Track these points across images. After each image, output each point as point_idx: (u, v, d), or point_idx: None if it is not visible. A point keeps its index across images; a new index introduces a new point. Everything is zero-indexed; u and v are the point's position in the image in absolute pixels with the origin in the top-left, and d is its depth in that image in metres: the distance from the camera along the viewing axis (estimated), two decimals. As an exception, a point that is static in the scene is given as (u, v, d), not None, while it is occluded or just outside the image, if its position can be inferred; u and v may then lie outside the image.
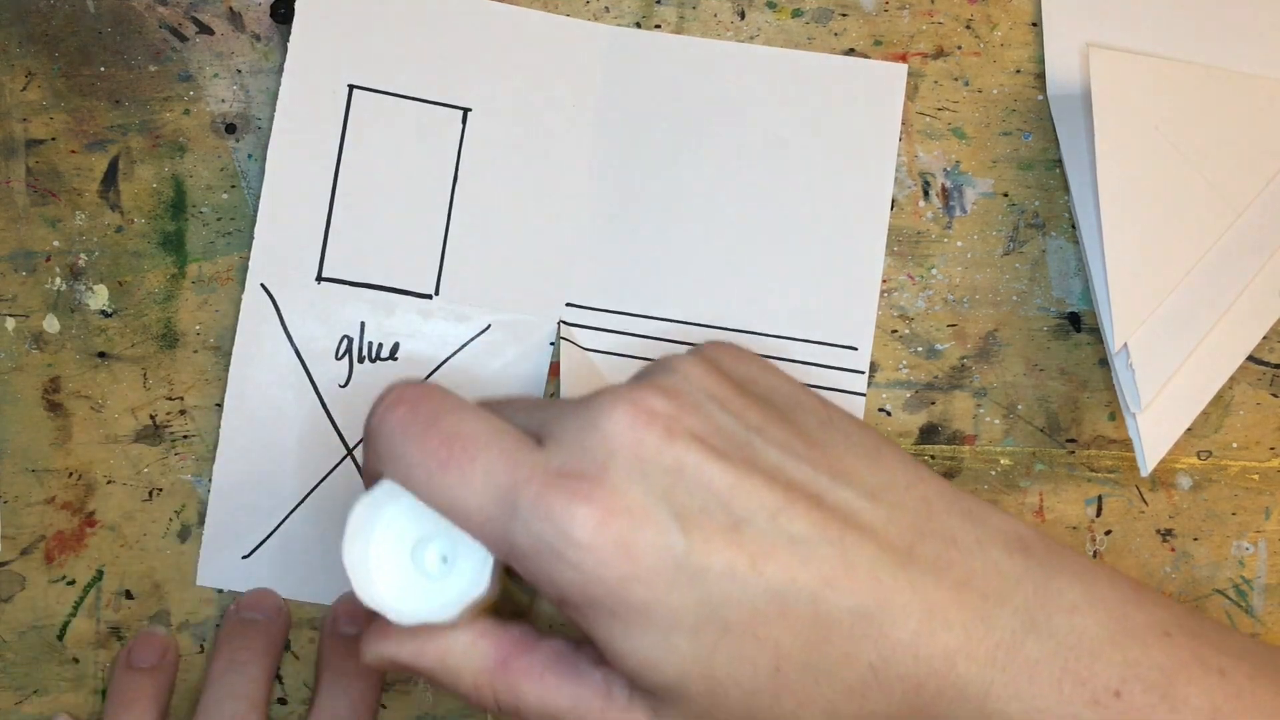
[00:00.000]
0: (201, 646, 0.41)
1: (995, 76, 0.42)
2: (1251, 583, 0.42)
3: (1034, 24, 0.42)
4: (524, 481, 0.27)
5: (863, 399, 0.41)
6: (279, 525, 0.41)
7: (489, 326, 0.41)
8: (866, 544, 0.27)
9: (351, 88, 0.41)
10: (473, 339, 0.41)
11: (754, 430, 0.28)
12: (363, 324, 0.41)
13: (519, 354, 0.41)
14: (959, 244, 0.42)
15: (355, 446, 0.41)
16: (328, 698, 0.39)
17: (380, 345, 0.41)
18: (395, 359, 0.41)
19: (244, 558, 0.41)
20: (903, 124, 0.42)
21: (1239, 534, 0.42)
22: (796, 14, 0.42)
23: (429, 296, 0.41)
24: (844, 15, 0.42)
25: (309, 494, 0.41)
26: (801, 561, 0.27)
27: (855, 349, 0.41)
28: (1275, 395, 0.42)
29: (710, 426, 0.28)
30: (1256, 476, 0.42)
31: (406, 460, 0.28)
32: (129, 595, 0.41)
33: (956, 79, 0.42)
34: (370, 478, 0.30)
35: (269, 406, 0.41)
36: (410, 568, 0.29)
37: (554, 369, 0.41)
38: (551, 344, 0.41)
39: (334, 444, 0.41)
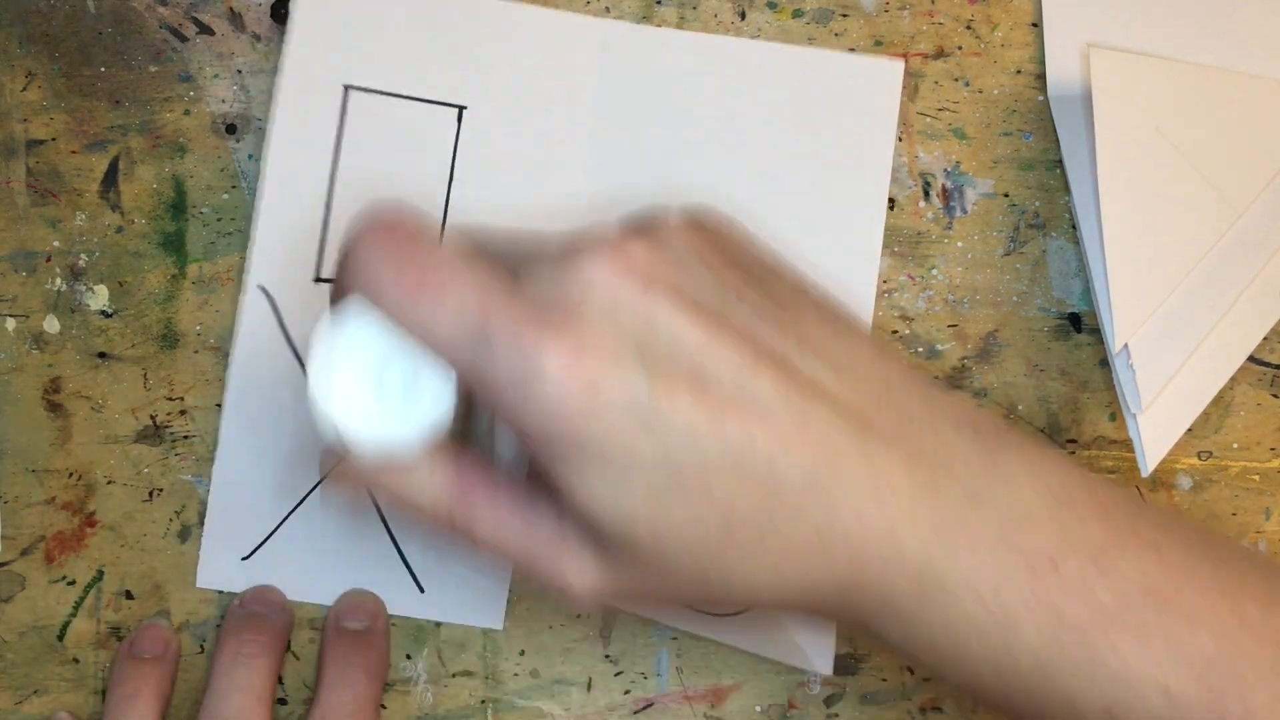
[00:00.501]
0: (202, 647, 0.41)
1: (995, 77, 0.42)
2: (1252, 583, 0.42)
3: (1034, 24, 0.42)
4: (497, 311, 0.27)
5: None
6: (279, 526, 0.41)
7: None
8: (824, 410, 0.28)
9: (347, 88, 0.41)
10: None
11: (730, 290, 0.29)
12: None
13: None
14: (959, 244, 0.42)
15: None
16: (330, 694, 0.39)
17: None
18: None
19: (244, 559, 0.41)
20: (903, 124, 0.42)
21: (1239, 534, 0.42)
22: (797, 14, 0.42)
23: None
24: (844, 15, 0.42)
25: (308, 494, 0.41)
26: (760, 422, 0.27)
27: None
28: (1275, 395, 0.42)
29: (687, 282, 0.28)
30: (1257, 477, 0.42)
31: (379, 281, 0.28)
32: (129, 595, 0.41)
33: (957, 79, 0.42)
34: (338, 295, 0.30)
35: (269, 407, 0.41)
36: (372, 393, 0.29)
37: None
38: None
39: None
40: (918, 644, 0.29)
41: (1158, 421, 0.40)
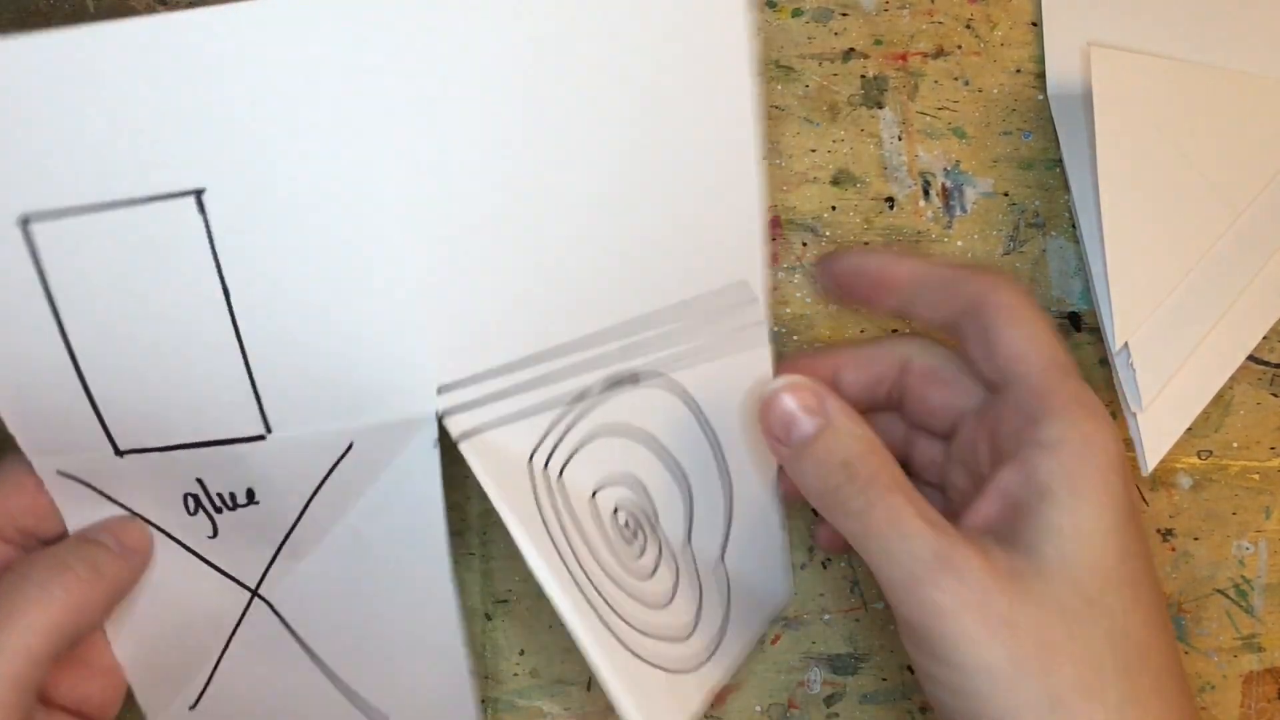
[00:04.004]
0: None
1: (995, 76, 0.42)
2: (1252, 582, 0.42)
3: (1034, 23, 0.42)
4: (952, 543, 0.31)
5: (763, 328, 0.36)
6: (212, 676, 0.36)
7: (350, 446, 0.32)
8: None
9: (25, 221, 0.28)
10: (335, 467, 0.33)
11: None
12: (200, 480, 0.33)
13: (401, 464, 0.33)
14: (959, 244, 0.42)
15: (259, 586, 0.35)
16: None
17: (232, 494, 0.33)
18: (256, 502, 0.33)
19: (191, 708, 0.36)
20: (903, 123, 0.42)
21: (1239, 534, 0.42)
22: (796, 14, 0.42)
23: (262, 437, 0.32)
24: (844, 15, 0.42)
25: (230, 640, 0.36)
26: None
27: (745, 281, 0.35)
28: (1275, 395, 0.42)
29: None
30: (1256, 476, 0.42)
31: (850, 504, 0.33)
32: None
33: (957, 78, 0.42)
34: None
35: (153, 585, 0.34)
36: None
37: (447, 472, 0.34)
38: (434, 445, 0.32)
39: (233, 591, 0.35)
40: None
41: (1158, 420, 0.40)
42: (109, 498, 0.33)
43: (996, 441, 0.33)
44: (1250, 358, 0.41)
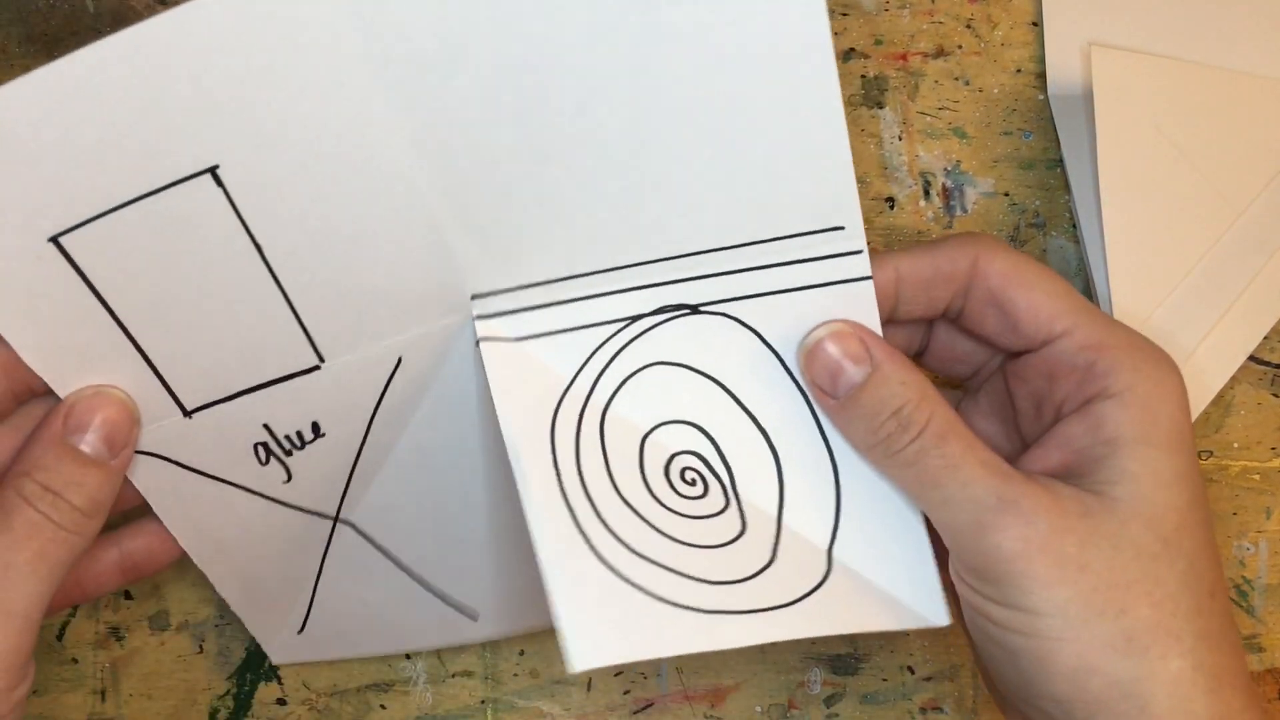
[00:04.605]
0: (201, 646, 0.41)
1: (996, 76, 0.42)
2: (1252, 583, 0.42)
3: (1034, 23, 0.42)
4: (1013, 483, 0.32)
5: (869, 283, 0.33)
6: (313, 600, 0.39)
7: (400, 361, 0.34)
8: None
9: (55, 240, 0.30)
10: (389, 383, 0.35)
11: None
12: (267, 425, 0.35)
13: (449, 371, 0.35)
14: (959, 244, 0.42)
15: (339, 512, 0.38)
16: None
17: (299, 432, 0.35)
18: (322, 434, 0.35)
19: (299, 633, 0.40)
20: (903, 123, 0.42)
21: (1239, 534, 0.42)
22: (797, 13, 0.42)
23: (318, 367, 0.34)
24: (844, 15, 0.42)
25: (323, 565, 0.39)
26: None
27: (843, 228, 0.33)
28: (1276, 395, 0.42)
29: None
30: (1257, 476, 0.42)
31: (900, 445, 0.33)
32: (128, 595, 0.41)
33: (957, 78, 0.42)
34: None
35: (238, 535, 0.36)
36: None
37: None
38: (476, 345, 0.34)
39: (316, 523, 0.38)
40: None
41: (1158, 421, 0.40)
42: (184, 465, 0.35)
43: (1044, 399, 0.33)
44: (1250, 358, 0.41)
